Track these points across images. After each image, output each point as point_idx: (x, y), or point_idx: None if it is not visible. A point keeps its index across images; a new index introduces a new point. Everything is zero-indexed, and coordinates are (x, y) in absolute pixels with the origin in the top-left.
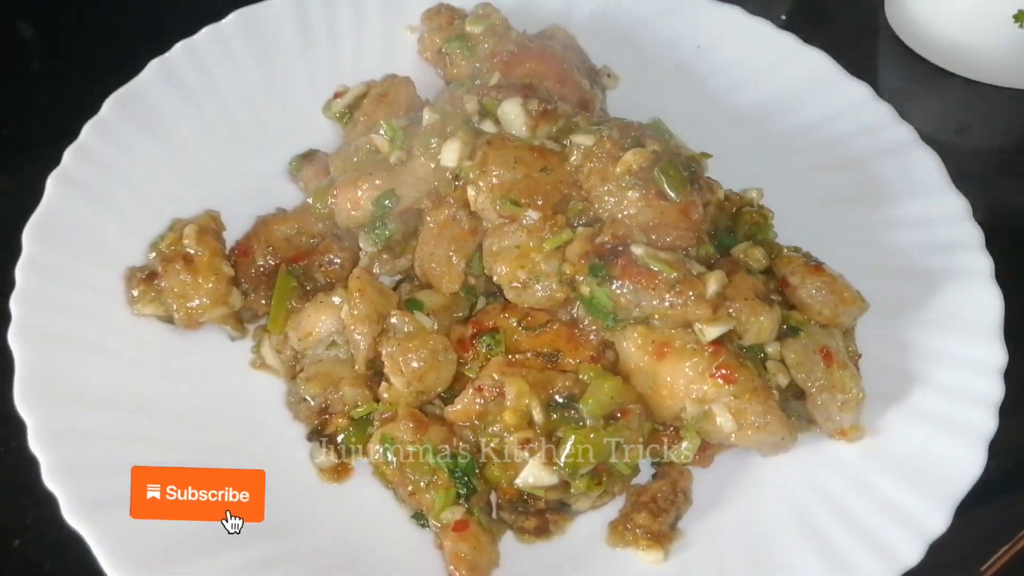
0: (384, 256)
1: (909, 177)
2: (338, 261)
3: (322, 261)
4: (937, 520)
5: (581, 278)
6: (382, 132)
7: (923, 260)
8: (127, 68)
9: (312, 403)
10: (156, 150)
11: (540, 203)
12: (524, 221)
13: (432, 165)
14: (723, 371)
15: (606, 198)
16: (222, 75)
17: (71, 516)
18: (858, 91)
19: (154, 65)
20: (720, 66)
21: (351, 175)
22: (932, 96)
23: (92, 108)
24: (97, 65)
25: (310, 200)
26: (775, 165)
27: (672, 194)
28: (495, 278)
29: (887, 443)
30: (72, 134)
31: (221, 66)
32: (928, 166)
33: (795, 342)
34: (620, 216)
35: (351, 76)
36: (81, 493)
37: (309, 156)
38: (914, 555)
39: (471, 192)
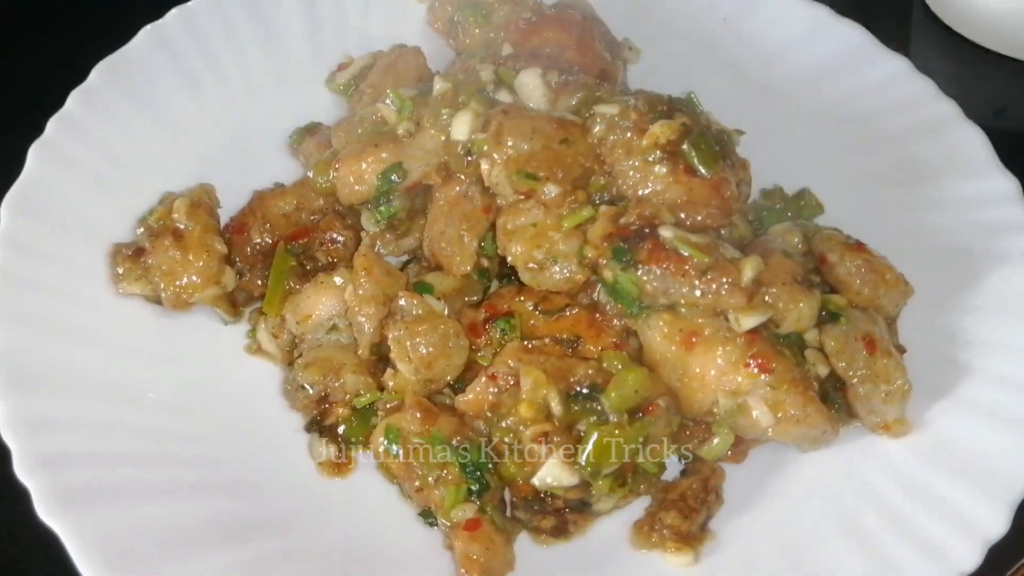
0: (387, 236)
1: (953, 155)
2: (341, 239)
3: (323, 239)
4: (995, 521)
5: (604, 262)
6: (389, 102)
7: (970, 243)
8: (118, 34)
9: (311, 391)
10: (146, 121)
11: (560, 177)
12: (543, 196)
13: (442, 137)
14: (758, 360)
15: (631, 173)
16: (219, 44)
17: (45, 512)
18: (896, 65)
19: (147, 31)
20: (748, 39)
21: (355, 147)
22: (968, 75)
23: (79, 76)
24: (85, 31)
25: (311, 174)
26: (808, 143)
27: (703, 169)
28: (509, 259)
29: (935, 438)
30: (57, 103)
31: (218, 34)
32: (973, 144)
33: (835, 328)
34: (644, 192)
35: (356, 48)
36: (56, 487)
37: (311, 129)
38: (971, 559)
39: (484, 165)
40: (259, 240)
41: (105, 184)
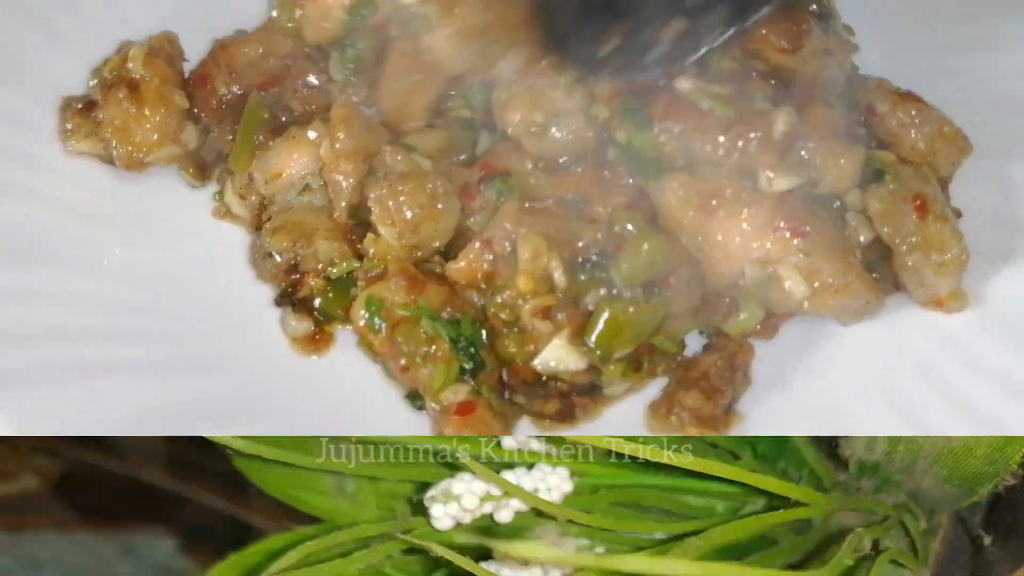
0: (354, 80)
1: None
2: (317, 83)
3: (296, 85)
4: None
5: (616, 120)
6: None
7: None
8: None
9: (278, 259)
10: None
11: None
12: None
13: None
14: (790, 223)
15: None
16: None
17: None
18: None
19: None
20: None
21: None
22: None
23: None
24: None
25: (274, 13)
26: None
27: None
28: (510, 131)
29: (998, 311)
30: None
31: None
32: None
33: (881, 188)
34: None
35: None
36: None
37: None
38: None
39: (427, 40)
40: (225, 91)
41: (57, 31)
